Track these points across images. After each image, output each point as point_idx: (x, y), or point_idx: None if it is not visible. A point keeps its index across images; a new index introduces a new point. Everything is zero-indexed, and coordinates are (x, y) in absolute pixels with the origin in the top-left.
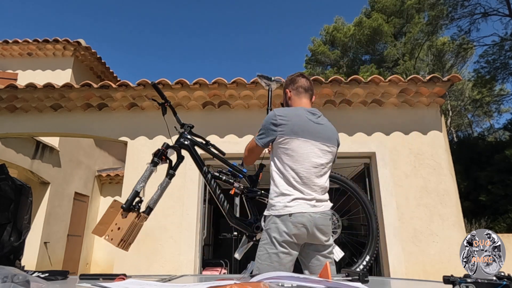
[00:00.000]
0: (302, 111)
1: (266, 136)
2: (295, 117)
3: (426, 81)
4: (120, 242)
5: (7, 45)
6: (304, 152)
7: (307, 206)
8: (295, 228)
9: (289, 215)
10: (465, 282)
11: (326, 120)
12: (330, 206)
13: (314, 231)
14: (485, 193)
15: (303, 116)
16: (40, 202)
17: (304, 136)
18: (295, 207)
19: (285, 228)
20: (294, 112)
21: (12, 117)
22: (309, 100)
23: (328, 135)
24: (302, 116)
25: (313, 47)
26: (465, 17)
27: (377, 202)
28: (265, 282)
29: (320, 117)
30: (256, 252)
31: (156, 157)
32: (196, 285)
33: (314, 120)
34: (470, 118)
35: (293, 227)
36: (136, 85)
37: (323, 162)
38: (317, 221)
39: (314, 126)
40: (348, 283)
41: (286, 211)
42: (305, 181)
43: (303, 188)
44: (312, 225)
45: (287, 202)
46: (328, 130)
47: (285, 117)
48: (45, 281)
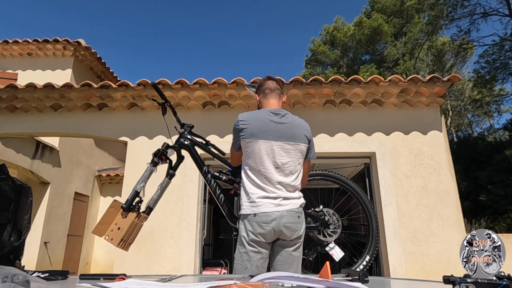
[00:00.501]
0: (264, 113)
1: (235, 141)
2: (255, 120)
3: (426, 81)
4: (120, 242)
5: (7, 45)
6: (265, 153)
7: (271, 205)
8: (259, 228)
9: (253, 215)
10: (465, 282)
11: (292, 118)
12: (300, 204)
13: (281, 229)
14: (485, 193)
15: (264, 118)
16: (40, 202)
17: (265, 137)
18: (259, 207)
19: (251, 228)
20: (255, 115)
21: (12, 117)
22: (277, 100)
23: (291, 133)
24: (262, 118)
25: (313, 47)
26: (465, 17)
27: (377, 202)
28: (265, 282)
29: (284, 116)
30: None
31: (156, 157)
32: (196, 285)
33: (276, 120)
34: (470, 118)
35: (258, 226)
36: (136, 85)
37: (287, 161)
38: (283, 220)
39: (275, 126)
40: (348, 283)
41: (251, 211)
42: (268, 181)
43: (267, 187)
44: (278, 223)
45: (252, 202)
46: (293, 128)
47: (245, 121)
48: (45, 281)
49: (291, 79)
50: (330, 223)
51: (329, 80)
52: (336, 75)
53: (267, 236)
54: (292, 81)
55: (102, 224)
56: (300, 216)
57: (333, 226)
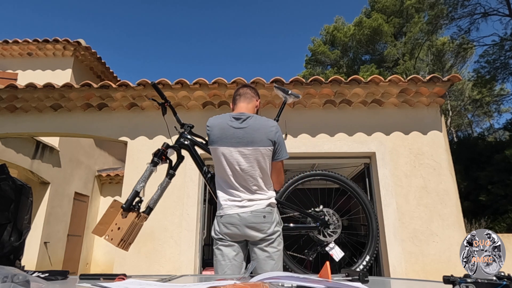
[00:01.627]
0: (225, 118)
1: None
2: (216, 126)
3: (426, 81)
4: (120, 242)
5: (7, 45)
6: (225, 159)
7: (235, 208)
8: (225, 228)
9: (220, 217)
10: (465, 282)
11: (253, 121)
12: (267, 204)
13: (245, 229)
14: (485, 193)
15: (224, 124)
16: (40, 202)
17: (224, 144)
18: (225, 209)
19: (218, 228)
20: (217, 121)
21: (12, 117)
22: (246, 103)
23: (250, 137)
24: (223, 124)
25: (313, 47)
26: (465, 17)
27: (377, 202)
28: (265, 282)
29: (244, 120)
30: None
31: (156, 157)
32: (196, 285)
33: (236, 126)
34: (470, 118)
35: (223, 227)
36: (136, 85)
37: (247, 166)
38: (247, 220)
39: (233, 132)
40: (348, 283)
41: (218, 213)
42: (231, 185)
43: (231, 191)
44: (242, 224)
45: (219, 205)
46: (252, 132)
47: (209, 127)
48: (45, 281)
49: (291, 79)
50: (330, 223)
51: (329, 80)
52: (336, 75)
53: (232, 235)
54: (292, 81)
55: (102, 224)
56: (266, 215)
57: (333, 226)
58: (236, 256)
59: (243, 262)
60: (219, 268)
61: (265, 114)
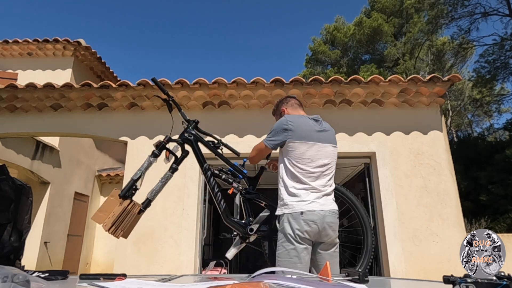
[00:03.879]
0: (305, 118)
1: (275, 140)
2: (303, 123)
3: (426, 81)
4: (111, 227)
5: (7, 45)
6: (312, 154)
7: (316, 204)
8: (306, 225)
9: (300, 213)
10: (465, 282)
11: (327, 124)
12: (335, 205)
13: (325, 227)
14: (485, 193)
15: (309, 122)
16: (40, 202)
17: (311, 139)
18: (305, 205)
19: (297, 226)
20: (302, 119)
21: (12, 117)
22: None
23: (331, 137)
24: (308, 122)
25: (314, 46)
26: (465, 16)
27: (377, 202)
28: (265, 282)
29: (322, 122)
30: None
31: (157, 148)
32: (196, 285)
33: (318, 126)
34: (470, 118)
35: (305, 224)
36: (136, 85)
37: (328, 162)
38: (326, 219)
39: (317, 130)
40: (348, 283)
41: (297, 209)
42: (313, 181)
43: (313, 187)
44: (323, 222)
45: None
46: (330, 133)
47: (292, 123)
48: (45, 281)
49: (291, 79)
50: None
51: (329, 80)
52: (336, 75)
53: (312, 233)
54: (292, 80)
55: (101, 212)
56: (338, 217)
57: None
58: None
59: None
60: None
61: (265, 114)
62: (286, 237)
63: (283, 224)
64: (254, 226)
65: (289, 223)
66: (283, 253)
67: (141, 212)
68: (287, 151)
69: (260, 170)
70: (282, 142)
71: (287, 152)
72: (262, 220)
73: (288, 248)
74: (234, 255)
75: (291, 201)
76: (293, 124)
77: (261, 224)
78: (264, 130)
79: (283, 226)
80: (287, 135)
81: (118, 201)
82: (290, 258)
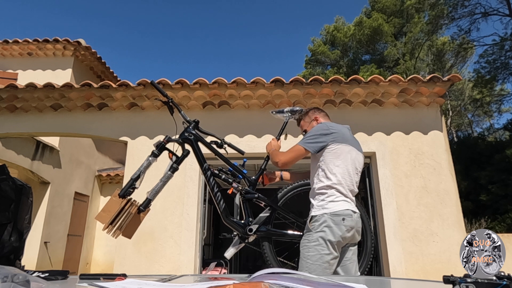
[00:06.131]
0: (340, 125)
1: (319, 142)
2: (342, 128)
3: (426, 81)
4: (108, 227)
5: (7, 45)
6: (350, 157)
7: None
8: (346, 232)
9: (342, 219)
10: (465, 282)
11: (353, 134)
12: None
13: (355, 232)
14: (485, 193)
15: (346, 129)
16: (40, 202)
17: (352, 144)
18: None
19: (340, 232)
20: (339, 125)
21: (12, 117)
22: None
23: (359, 144)
24: (345, 128)
25: (313, 47)
26: (465, 17)
27: (377, 202)
28: (265, 282)
29: (350, 130)
30: (302, 252)
31: (157, 149)
32: (196, 285)
33: (351, 135)
34: (470, 118)
35: (346, 230)
36: (136, 85)
37: (360, 169)
38: (358, 224)
39: (352, 137)
40: (348, 283)
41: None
42: (348, 185)
43: (349, 190)
44: (355, 226)
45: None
46: (357, 142)
47: (335, 127)
48: (45, 281)
49: (291, 79)
50: None
51: (329, 80)
52: (336, 75)
53: (347, 239)
54: (292, 81)
55: (104, 212)
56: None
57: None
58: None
59: None
60: (324, 274)
61: (265, 114)
62: (325, 242)
63: (323, 228)
64: (253, 226)
65: (330, 228)
66: (316, 256)
67: (140, 212)
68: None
69: (259, 171)
70: (325, 144)
71: (328, 154)
72: (261, 221)
73: (323, 253)
74: (233, 255)
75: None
76: (334, 128)
77: (260, 225)
78: (264, 130)
79: (323, 230)
80: (332, 137)
81: (120, 200)
82: (323, 263)
